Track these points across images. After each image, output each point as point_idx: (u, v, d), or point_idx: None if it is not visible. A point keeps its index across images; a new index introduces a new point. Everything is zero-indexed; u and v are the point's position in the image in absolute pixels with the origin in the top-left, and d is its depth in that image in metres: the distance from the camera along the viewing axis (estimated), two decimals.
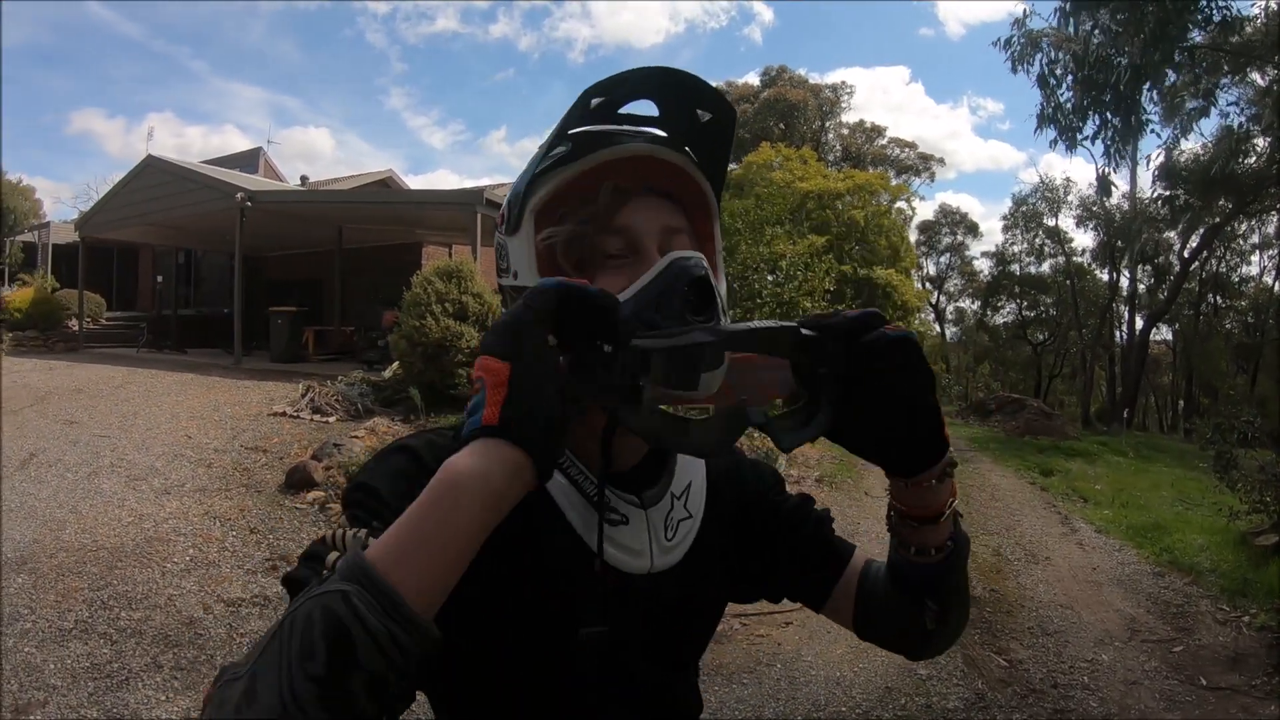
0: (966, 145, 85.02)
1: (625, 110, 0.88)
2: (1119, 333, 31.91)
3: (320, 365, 15.34)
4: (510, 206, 0.91)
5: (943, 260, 44.11)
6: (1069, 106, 9.47)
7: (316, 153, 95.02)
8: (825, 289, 16.42)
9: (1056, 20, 9.38)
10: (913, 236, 36.48)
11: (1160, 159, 15.66)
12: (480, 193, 13.27)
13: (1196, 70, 10.37)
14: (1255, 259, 31.98)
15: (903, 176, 39.86)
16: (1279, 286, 31.46)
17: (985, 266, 40.72)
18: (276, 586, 5.36)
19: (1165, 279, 29.33)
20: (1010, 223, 36.49)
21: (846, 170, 30.24)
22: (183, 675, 4.15)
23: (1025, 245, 36.21)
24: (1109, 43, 8.50)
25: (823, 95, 41.13)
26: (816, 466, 10.54)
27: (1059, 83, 9.61)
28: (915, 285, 30.79)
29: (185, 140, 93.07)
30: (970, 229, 42.91)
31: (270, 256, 21.76)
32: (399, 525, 0.64)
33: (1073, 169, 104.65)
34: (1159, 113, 12.05)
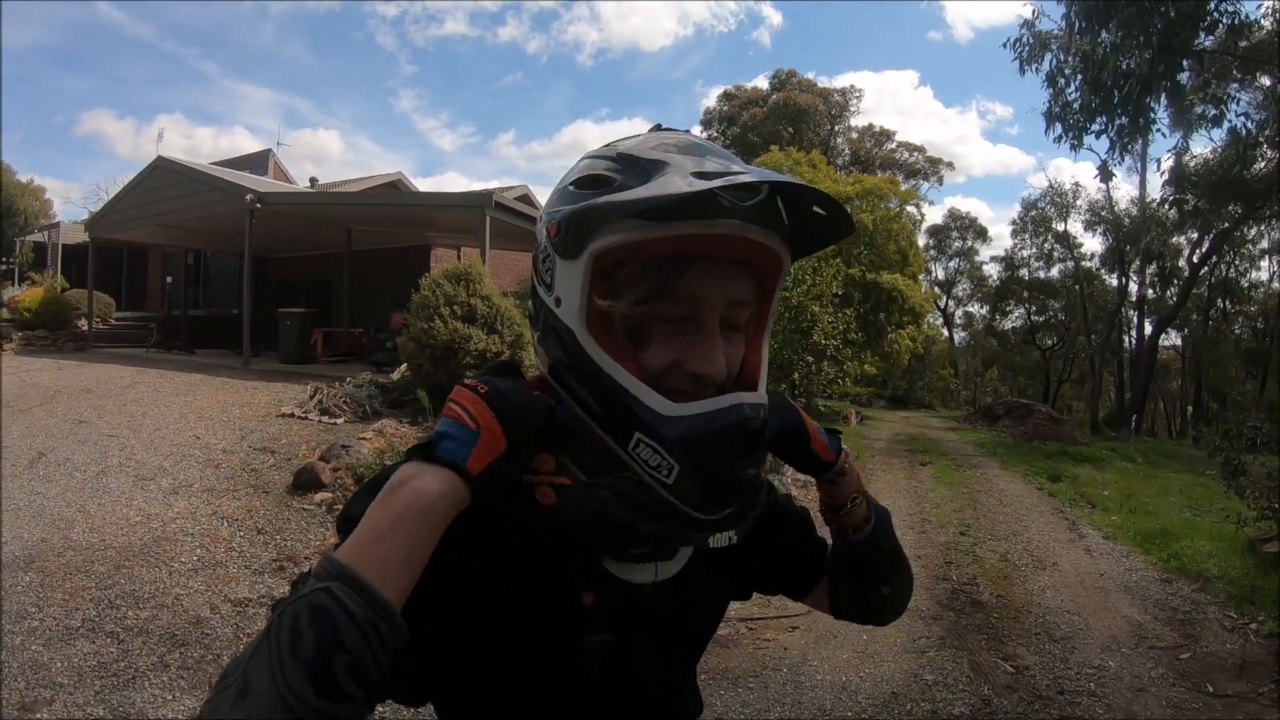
0: (975, 149, 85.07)
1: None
2: (1128, 338, 31.85)
3: (329, 367, 15.38)
4: (570, 225, 0.81)
5: (952, 265, 44.12)
6: (1076, 105, 9.43)
7: (326, 154, 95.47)
8: (834, 292, 16.44)
9: (1064, 25, 9.35)
10: (922, 241, 36.45)
11: (1170, 162, 15.56)
12: (489, 195, 13.28)
13: (1205, 75, 10.34)
14: (1265, 264, 31.85)
15: (911, 181, 39.84)
16: None
17: (994, 271, 40.74)
18: (284, 587, 5.37)
19: (1172, 281, 29.24)
20: (1019, 227, 36.46)
21: (855, 174, 30.19)
22: (189, 674, 4.16)
23: (1034, 250, 36.15)
24: (1115, 51, 8.47)
25: (832, 99, 41.10)
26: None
27: (1068, 82, 9.58)
28: (923, 289, 30.73)
29: (195, 142, 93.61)
30: (979, 233, 42.95)
31: (279, 258, 21.84)
32: (369, 532, 0.72)
33: (1081, 173, 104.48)
34: (1168, 116, 12.04)
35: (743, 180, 0.73)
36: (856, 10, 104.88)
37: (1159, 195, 24.31)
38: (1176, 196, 19.39)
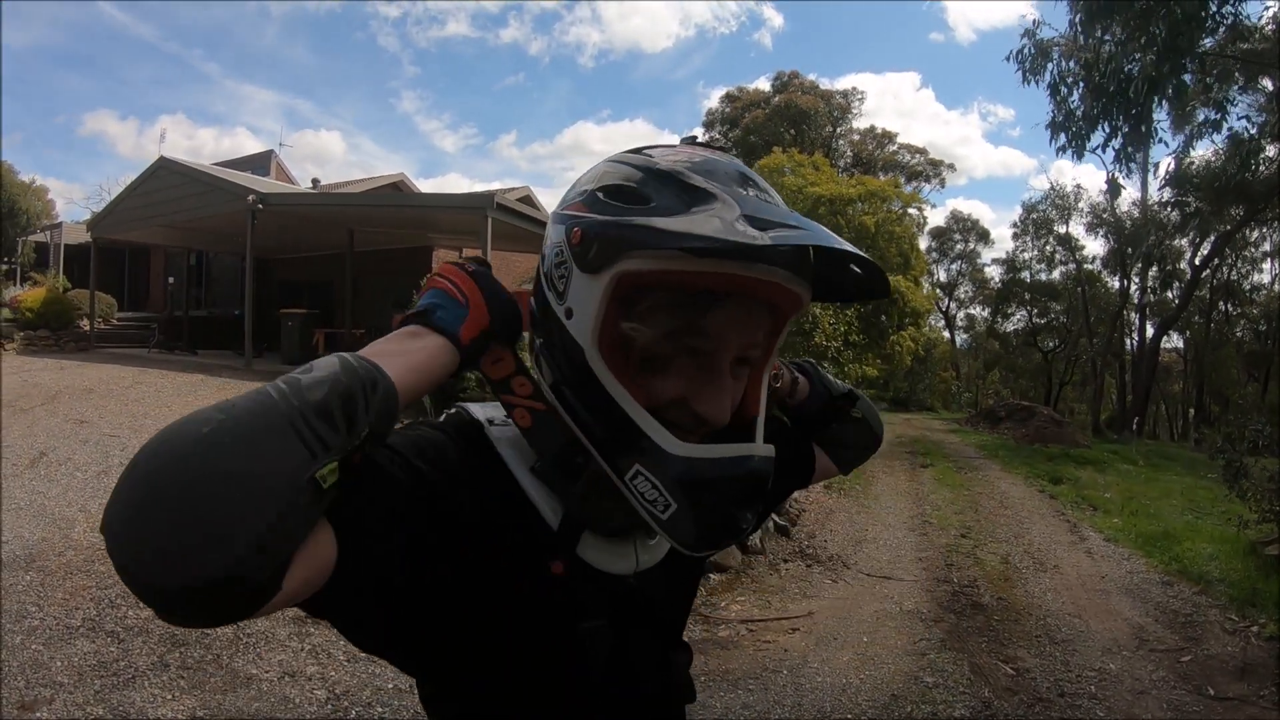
0: (977, 151, 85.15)
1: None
2: (1130, 340, 31.81)
3: None
4: (594, 238, 0.78)
5: (953, 267, 44.11)
6: (1079, 114, 9.42)
7: (328, 155, 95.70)
8: None
9: (1069, 29, 9.36)
10: (924, 243, 36.44)
11: (1171, 166, 15.55)
12: (491, 196, 13.28)
13: (1207, 78, 10.33)
14: (1267, 266, 31.81)
15: (913, 183, 39.86)
16: None
17: (996, 273, 40.71)
18: None
19: (1172, 282, 29.22)
20: (1021, 229, 36.42)
21: (858, 176, 30.19)
22: (189, 674, 4.17)
23: (1036, 252, 36.11)
24: (1119, 54, 8.46)
25: (834, 101, 41.10)
26: None
27: (1070, 90, 9.57)
28: (925, 292, 30.71)
29: (197, 142, 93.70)
30: (981, 236, 42.94)
31: (281, 259, 21.84)
32: (373, 349, 0.75)
33: (1083, 176, 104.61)
34: (1170, 120, 12.03)
35: (799, 241, 0.71)
36: (858, 12, 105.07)
37: (1157, 197, 24.29)
38: (1178, 199, 19.36)
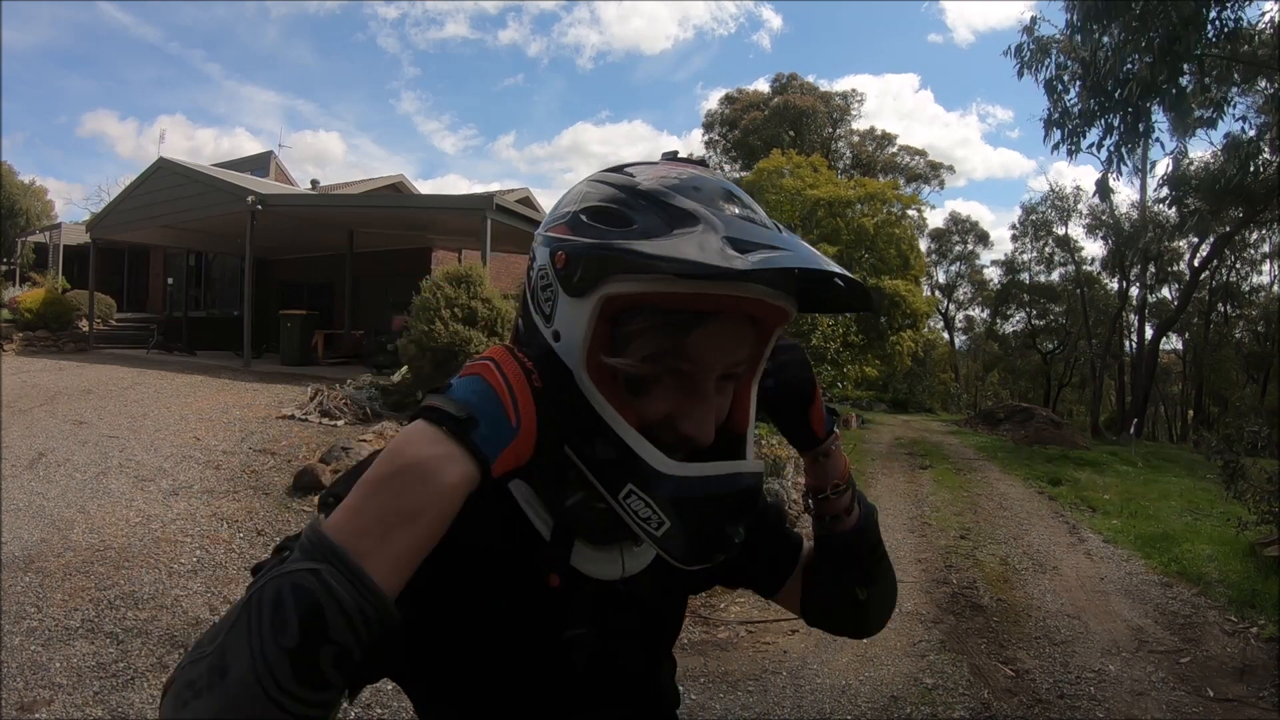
0: (976, 152, 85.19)
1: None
2: (1129, 342, 31.82)
3: (330, 369, 15.40)
4: (579, 261, 0.77)
5: (953, 269, 44.11)
6: (1075, 111, 9.41)
7: (327, 156, 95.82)
8: None
9: (1066, 29, 9.35)
10: (923, 245, 36.44)
11: (1169, 168, 15.54)
12: (490, 198, 13.31)
13: (1205, 79, 10.33)
14: (1266, 268, 31.84)
15: (913, 184, 39.85)
16: None
17: (995, 275, 40.72)
18: None
19: (1167, 279, 29.25)
20: (1020, 231, 36.44)
21: (857, 178, 30.19)
22: None
23: (1035, 254, 36.12)
24: (1115, 57, 8.46)
25: (833, 103, 41.11)
26: None
27: (1066, 89, 9.56)
28: (924, 293, 30.71)
29: (196, 143, 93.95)
30: (980, 238, 42.93)
31: (281, 260, 21.87)
32: (361, 509, 0.66)
33: (1082, 177, 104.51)
34: (1168, 121, 12.02)
35: (779, 264, 0.71)
36: (856, 13, 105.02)
37: (1154, 197, 24.28)
38: (1175, 197, 19.34)
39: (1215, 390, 32.85)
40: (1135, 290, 28.88)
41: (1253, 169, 12.26)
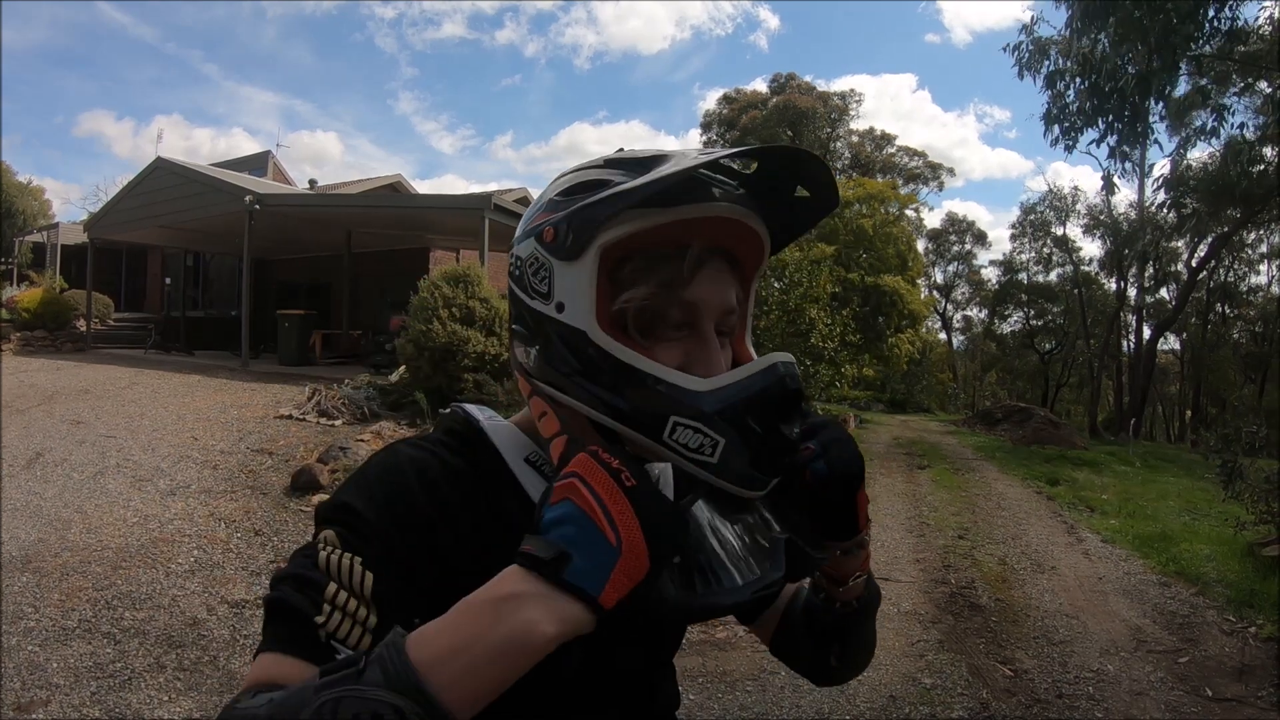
0: (974, 153, 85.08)
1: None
2: (1127, 342, 31.83)
3: (327, 368, 15.40)
4: (568, 226, 0.79)
5: (951, 269, 44.15)
6: (1074, 107, 9.43)
7: (325, 156, 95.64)
8: (830, 294, 16.45)
9: (1065, 29, 9.36)
10: (921, 245, 36.48)
11: (1165, 170, 15.56)
12: (488, 198, 13.30)
13: (1204, 81, 10.34)
14: (1264, 268, 31.89)
15: (911, 185, 39.88)
16: None
17: (993, 275, 40.77)
18: None
19: (1165, 279, 29.27)
20: (1018, 231, 36.47)
21: (856, 178, 30.23)
22: (185, 676, 4.16)
23: (1033, 254, 36.16)
24: (1114, 53, 8.47)
25: (832, 103, 41.11)
26: None
27: (1067, 85, 9.57)
28: (922, 293, 30.72)
29: (193, 143, 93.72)
30: (978, 238, 42.96)
31: (279, 259, 21.86)
32: (452, 641, 0.61)
33: (1081, 178, 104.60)
34: (1166, 122, 12.03)
35: (749, 150, 0.75)
36: (853, 13, 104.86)
37: (1152, 198, 24.31)
38: (1173, 199, 19.37)
39: (1213, 390, 32.88)
40: (1133, 291, 28.89)
41: (1253, 171, 12.28)
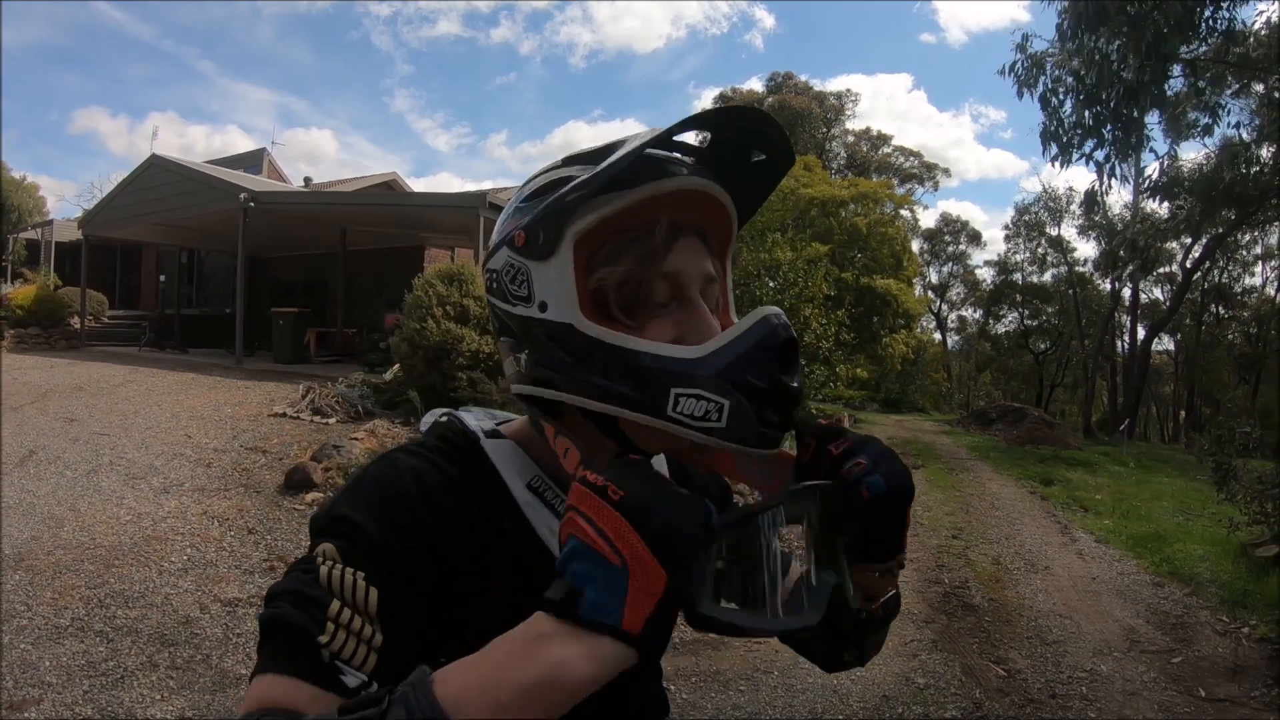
0: (969, 153, 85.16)
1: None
2: (1121, 342, 31.92)
3: (322, 367, 15.37)
4: (537, 227, 0.79)
5: (945, 269, 44.22)
6: (1070, 123, 9.43)
7: (320, 154, 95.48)
8: (825, 294, 16.45)
9: (1056, 37, 9.37)
10: (916, 245, 36.56)
11: (1155, 173, 15.52)
12: (483, 196, 13.27)
13: (1199, 83, 10.36)
14: (1258, 270, 32.00)
15: (906, 185, 39.94)
16: None
17: (987, 275, 40.85)
18: None
19: (1159, 280, 29.39)
20: (1013, 232, 36.56)
21: (851, 178, 30.26)
22: (178, 674, 4.14)
23: (1027, 254, 36.26)
24: (1104, 62, 8.47)
25: (828, 103, 41.15)
26: None
27: (1061, 102, 9.58)
28: (917, 293, 30.76)
29: (188, 140, 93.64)
30: (973, 238, 43.02)
31: (274, 257, 21.81)
32: (481, 683, 0.59)
33: (1075, 179, 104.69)
34: (1161, 126, 12.04)
35: (693, 116, 0.76)
36: (848, 13, 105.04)
37: (1145, 199, 24.35)
38: (1167, 198, 19.39)
39: (1207, 391, 32.98)
40: (1127, 291, 28.93)
41: (1246, 170, 12.31)
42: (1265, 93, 13.42)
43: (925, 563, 7.05)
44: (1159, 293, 30.85)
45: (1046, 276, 36.26)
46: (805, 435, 0.83)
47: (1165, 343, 34.17)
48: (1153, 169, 13.60)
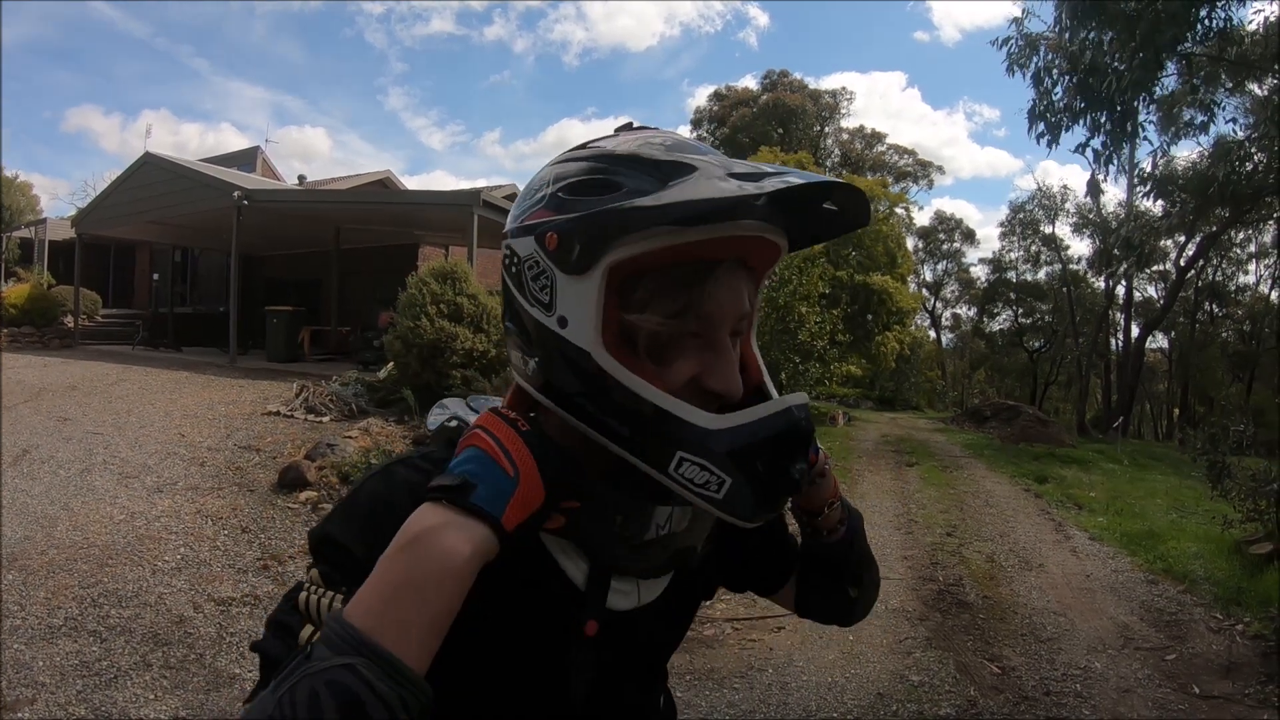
0: (964, 151, 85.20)
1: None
2: (1115, 340, 31.95)
3: (316, 365, 15.35)
4: (574, 236, 0.73)
5: (940, 267, 44.28)
6: (1060, 105, 9.44)
7: (314, 152, 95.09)
8: (820, 292, 16.48)
9: (1054, 25, 9.39)
10: (910, 243, 36.60)
11: (1147, 167, 15.53)
12: (477, 194, 13.26)
13: (1194, 80, 10.36)
14: (1252, 268, 32.09)
15: (901, 183, 39.99)
16: (1275, 295, 31.58)
17: (982, 273, 40.91)
18: (268, 586, 5.35)
19: (1153, 278, 29.41)
20: (1007, 230, 36.57)
21: (845, 176, 30.24)
22: (171, 674, 4.13)
23: (1022, 252, 36.26)
24: (1100, 55, 8.49)
25: (822, 101, 41.18)
26: None
27: (1054, 83, 9.59)
28: (911, 291, 30.80)
29: (181, 138, 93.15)
30: (967, 236, 43.11)
31: (268, 256, 21.77)
32: (381, 591, 0.66)
33: (1070, 177, 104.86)
34: (1155, 121, 12.05)
35: (798, 182, 0.69)
36: (842, 11, 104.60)
37: (1139, 196, 24.39)
38: (1160, 195, 19.41)
39: (1201, 389, 33.07)
40: (1121, 289, 28.98)
41: (1242, 171, 12.31)
42: (1265, 95, 13.43)
43: (919, 560, 7.06)
44: (1153, 290, 30.93)
45: (1041, 274, 36.28)
46: None
47: (1159, 341, 34.31)
48: (1146, 163, 13.62)
